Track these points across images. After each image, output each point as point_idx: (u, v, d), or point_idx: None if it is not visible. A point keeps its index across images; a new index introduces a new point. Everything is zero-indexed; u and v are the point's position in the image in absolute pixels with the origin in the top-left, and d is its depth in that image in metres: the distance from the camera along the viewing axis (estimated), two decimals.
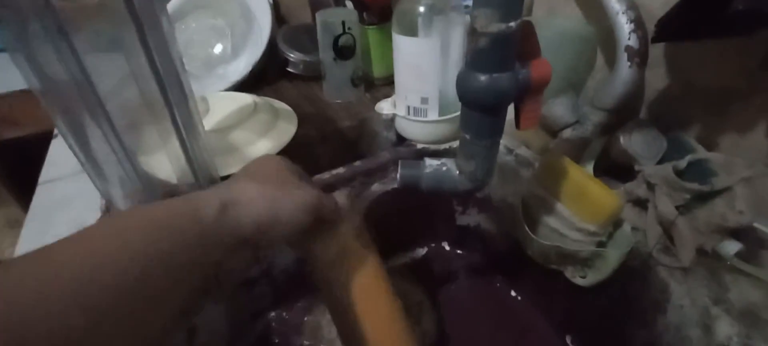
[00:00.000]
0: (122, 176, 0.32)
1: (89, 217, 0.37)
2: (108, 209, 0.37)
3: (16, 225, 1.02)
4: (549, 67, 0.23)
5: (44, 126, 0.69)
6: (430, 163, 0.28)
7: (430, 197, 0.48)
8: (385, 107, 0.49)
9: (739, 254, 0.30)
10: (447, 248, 0.53)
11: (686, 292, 0.31)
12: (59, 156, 0.48)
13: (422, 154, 0.47)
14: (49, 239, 0.15)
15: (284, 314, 0.47)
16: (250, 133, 0.47)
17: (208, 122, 0.45)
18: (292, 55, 0.65)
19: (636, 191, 0.33)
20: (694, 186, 0.30)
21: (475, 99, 0.23)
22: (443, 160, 0.28)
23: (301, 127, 0.51)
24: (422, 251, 0.53)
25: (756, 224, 0.30)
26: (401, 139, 0.49)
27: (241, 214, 0.20)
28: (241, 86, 0.62)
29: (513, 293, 0.47)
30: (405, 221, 0.48)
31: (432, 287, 0.48)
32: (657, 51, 0.36)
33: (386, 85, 0.62)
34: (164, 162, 0.34)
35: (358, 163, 0.45)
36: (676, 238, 0.31)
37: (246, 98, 0.50)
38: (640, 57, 0.34)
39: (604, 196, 0.31)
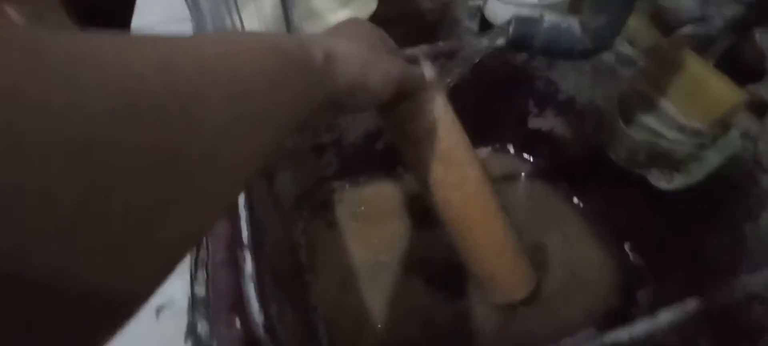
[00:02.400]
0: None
1: None
2: None
3: None
4: None
5: None
6: (549, 18, 0.26)
7: (503, 92, 0.47)
8: None
9: None
10: (511, 150, 0.52)
11: None
12: None
13: None
14: None
15: (347, 185, 0.49)
16: (330, 2, 0.46)
17: None
18: None
19: (759, 92, 0.30)
20: None
21: None
22: (564, 17, 0.27)
23: (380, 4, 0.49)
24: (484, 151, 0.52)
25: None
26: (485, 30, 0.47)
27: (339, 70, 0.20)
28: None
29: (575, 200, 0.46)
30: (470, 115, 0.47)
31: None
32: None
33: None
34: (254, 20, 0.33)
35: (440, 43, 0.43)
36: None
37: None
38: None
39: (726, 89, 0.29)
